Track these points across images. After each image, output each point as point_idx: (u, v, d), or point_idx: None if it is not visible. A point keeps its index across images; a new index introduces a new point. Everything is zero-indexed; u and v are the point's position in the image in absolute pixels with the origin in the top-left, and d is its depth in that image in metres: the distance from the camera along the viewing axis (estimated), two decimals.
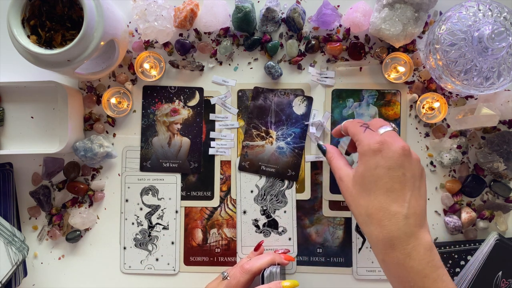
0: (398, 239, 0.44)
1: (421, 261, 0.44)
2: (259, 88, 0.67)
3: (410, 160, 0.46)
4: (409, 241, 0.44)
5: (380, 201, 0.45)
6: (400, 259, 0.44)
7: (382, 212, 0.45)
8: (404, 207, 0.45)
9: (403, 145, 0.46)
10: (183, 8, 0.64)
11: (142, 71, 0.67)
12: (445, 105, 0.65)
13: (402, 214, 0.44)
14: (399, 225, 0.44)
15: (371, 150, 0.46)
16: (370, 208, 0.46)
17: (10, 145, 0.66)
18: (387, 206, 0.45)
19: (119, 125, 0.69)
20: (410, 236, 0.44)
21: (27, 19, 0.55)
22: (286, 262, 0.61)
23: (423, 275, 0.44)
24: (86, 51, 0.54)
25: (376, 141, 0.47)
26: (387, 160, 0.45)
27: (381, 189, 0.45)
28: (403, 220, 0.44)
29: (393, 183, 0.45)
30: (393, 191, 0.45)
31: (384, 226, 0.45)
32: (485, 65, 0.55)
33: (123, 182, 0.68)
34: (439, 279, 0.44)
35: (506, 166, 0.64)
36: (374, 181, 0.46)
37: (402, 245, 0.44)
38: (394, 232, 0.44)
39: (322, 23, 0.65)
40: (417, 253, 0.44)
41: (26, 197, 0.68)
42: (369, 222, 0.46)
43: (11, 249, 0.60)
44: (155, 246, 0.68)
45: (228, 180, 0.68)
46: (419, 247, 0.44)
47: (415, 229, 0.44)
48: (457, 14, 0.56)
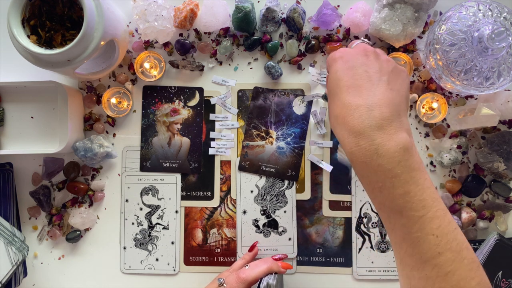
0: (362, 133, 0.41)
1: (390, 159, 0.39)
2: (259, 88, 0.67)
3: (374, 58, 0.45)
4: (375, 135, 0.40)
5: (341, 99, 0.44)
6: (366, 155, 0.40)
7: (345, 109, 0.43)
8: (367, 99, 0.42)
9: (365, 46, 0.46)
10: (183, 8, 0.64)
11: (142, 71, 0.67)
12: (445, 105, 0.65)
13: (365, 106, 0.42)
14: (362, 117, 0.41)
15: (332, 58, 0.47)
16: (335, 109, 0.44)
17: (10, 145, 0.66)
18: (349, 101, 0.43)
19: (119, 125, 0.69)
20: (377, 130, 0.40)
21: (27, 19, 0.55)
22: (284, 271, 0.60)
23: (393, 174, 0.39)
24: (86, 51, 0.54)
25: (338, 51, 0.48)
26: (346, 62, 0.45)
27: (342, 89, 0.44)
28: (367, 112, 0.41)
29: (354, 80, 0.44)
30: (354, 87, 0.43)
31: (347, 121, 0.42)
32: (485, 65, 0.55)
33: (123, 182, 0.68)
34: (412, 181, 0.39)
35: (506, 166, 0.64)
36: (336, 84, 0.45)
37: (367, 139, 0.40)
38: (357, 126, 0.41)
39: (322, 23, 0.65)
40: (386, 150, 0.39)
41: (26, 197, 0.68)
42: (336, 123, 0.44)
43: (11, 249, 0.60)
44: (155, 246, 0.68)
45: (228, 180, 0.68)
46: (389, 143, 0.40)
47: (383, 122, 0.40)
48: (457, 14, 0.56)
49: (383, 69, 0.45)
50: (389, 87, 0.44)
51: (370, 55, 0.46)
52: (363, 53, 0.46)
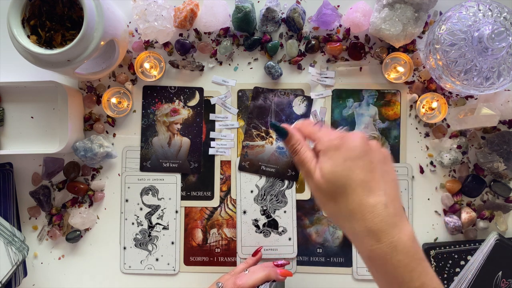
0: (383, 231, 0.42)
1: (407, 254, 0.42)
2: (259, 88, 0.67)
3: (371, 147, 0.45)
4: (393, 232, 0.42)
5: (358, 195, 0.43)
6: (386, 253, 0.42)
7: (363, 206, 0.43)
8: (381, 195, 0.43)
9: (361, 133, 0.46)
10: (183, 8, 0.64)
11: (142, 71, 0.67)
12: (445, 105, 0.65)
13: (382, 203, 0.43)
14: (381, 216, 0.42)
15: (333, 145, 0.45)
16: (350, 205, 0.43)
17: (10, 145, 0.66)
18: (366, 198, 0.43)
19: (119, 125, 0.69)
20: (394, 227, 0.42)
21: (27, 19, 0.55)
22: (282, 278, 0.59)
23: (410, 269, 0.42)
24: (86, 51, 0.54)
25: (336, 136, 0.46)
26: (353, 151, 0.44)
27: (355, 182, 0.43)
28: (384, 209, 0.42)
29: (365, 172, 0.43)
30: (367, 182, 0.43)
31: (366, 219, 0.43)
32: (485, 65, 0.55)
33: (123, 182, 0.68)
34: (424, 272, 0.42)
35: (506, 166, 0.64)
36: (347, 175, 0.44)
37: (387, 237, 0.42)
38: (378, 224, 0.42)
39: (322, 23, 0.65)
40: (403, 245, 0.42)
41: (26, 197, 0.68)
42: (352, 219, 0.44)
43: (11, 249, 0.60)
44: (155, 246, 0.68)
45: (228, 180, 0.68)
46: (404, 238, 0.42)
47: (397, 219, 0.42)
48: (457, 14, 0.56)
49: (380, 159, 0.45)
50: (390, 178, 0.45)
51: (367, 143, 0.45)
52: (362, 140, 0.45)
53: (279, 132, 0.48)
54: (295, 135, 0.48)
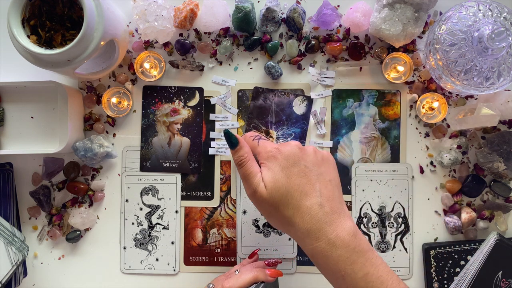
0: (320, 230, 0.45)
1: (347, 248, 0.44)
2: (259, 88, 0.67)
3: (305, 152, 0.48)
4: (330, 229, 0.45)
5: (296, 199, 0.46)
6: (326, 249, 0.44)
7: (300, 209, 0.46)
8: (316, 196, 0.46)
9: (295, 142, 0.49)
10: (183, 8, 0.64)
11: (142, 71, 0.67)
12: (445, 105, 0.65)
13: (317, 204, 0.45)
14: (317, 216, 0.45)
15: (271, 156, 0.48)
16: (290, 210, 0.46)
17: (10, 145, 0.66)
18: (303, 201, 0.46)
19: (119, 125, 0.69)
20: (330, 224, 0.45)
21: (27, 19, 0.55)
22: (271, 279, 0.57)
23: (351, 261, 0.44)
24: (86, 51, 0.54)
25: (272, 147, 0.49)
26: (287, 159, 0.47)
27: (293, 188, 0.46)
28: (319, 209, 0.45)
29: (300, 177, 0.46)
30: (302, 186, 0.46)
31: (304, 221, 0.45)
32: (485, 65, 0.55)
33: (123, 182, 0.68)
34: (368, 263, 0.44)
35: (506, 166, 0.64)
36: (285, 182, 0.46)
37: (325, 235, 0.45)
38: (315, 224, 0.45)
39: (322, 23, 0.65)
40: (341, 240, 0.44)
41: (26, 197, 0.68)
42: (292, 223, 0.47)
43: (11, 249, 0.60)
44: (155, 246, 0.68)
45: (228, 180, 0.68)
46: (342, 234, 0.44)
47: (333, 217, 0.45)
48: (457, 14, 0.56)
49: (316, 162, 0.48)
50: (327, 179, 0.48)
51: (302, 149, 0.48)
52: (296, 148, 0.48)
53: (229, 140, 0.50)
54: (245, 147, 0.50)
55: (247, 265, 0.60)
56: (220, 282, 0.56)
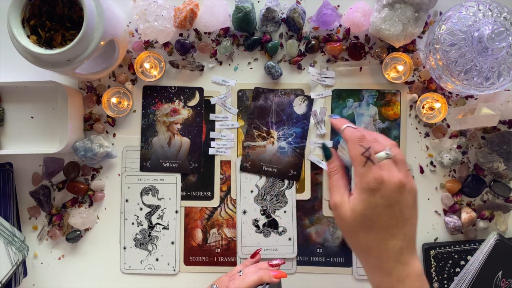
0: (394, 268, 0.46)
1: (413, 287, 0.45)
2: (259, 89, 0.67)
3: (405, 194, 0.47)
4: (403, 268, 0.46)
5: (379, 237, 0.47)
6: (394, 285, 0.46)
7: (380, 247, 0.47)
8: (400, 239, 0.46)
9: (399, 179, 0.47)
10: (183, 8, 0.64)
11: (142, 71, 0.67)
12: (445, 105, 0.65)
13: (398, 247, 0.46)
14: (396, 256, 0.46)
15: (370, 189, 0.47)
16: (369, 243, 0.47)
17: (10, 145, 0.66)
18: (386, 241, 0.46)
19: (119, 125, 0.69)
20: (405, 264, 0.46)
21: (27, 19, 0.55)
22: (276, 280, 0.58)
23: None
24: (86, 51, 0.54)
25: (374, 179, 0.47)
26: (386, 199, 0.46)
27: (380, 227, 0.47)
28: (399, 252, 0.46)
29: (391, 220, 0.46)
30: (391, 228, 0.47)
31: (381, 258, 0.46)
32: (485, 65, 0.55)
33: (123, 182, 0.68)
34: None
35: (506, 166, 0.64)
36: (374, 220, 0.47)
37: (398, 273, 0.46)
38: (391, 263, 0.46)
39: (322, 23, 0.65)
40: (410, 280, 0.46)
41: (26, 197, 0.68)
42: (368, 254, 0.48)
43: (11, 249, 0.60)
44: (155, 246, 0.68)
45: (228, 180, 0.68)
46: (412, 274, 0.46)
47: (408, 257, 0.46)
48: (457, 14, 0.56)
49: (410, 205, 0.47)
50: (412, 222, 0.48)
51: (402, 190, 0.47)
52: (397, 189, 0.47)
53: (324, 153, 0.52)
54: (336, 161, 0.52)
55: (250, 266, 0.60)
56: (224, 283, 0.56)
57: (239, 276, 0.57)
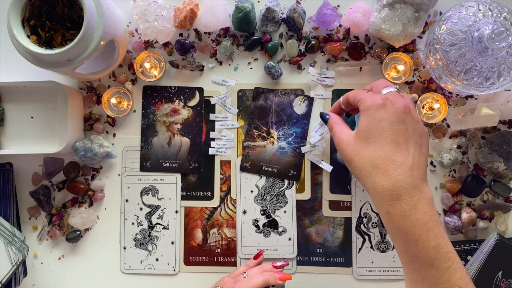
0: (405, 190, 0.44)
1: (426, 214, 0.44)
2: (259, 89, 0.67)
3: (411, 118, 0.48)
4: (414, 192, 0.44)
5: (385, 151, 0.46)
6: (406, 210, 0.44)
7: (388, 161, 0.45)
8: (409, 159, 0.45)
9: (406, 103, 0.48)
10: (183, 8, 0.64)
11: (142, 71, 0.67)
12: (445, 105, 0.65)
13: (408, 165, 0.45)
14: (405, 175, 0.45)
15: (375, 105, 0.48)
16: (375, 158, 0.46)
17: (10, 145, 0.66)
18: (392, 156, 0.45)
19: (119, 125, 0.69)
20: (416, 188, 0.45)
21: (27, 19, 0.55)
22: (281, 283, 0.57)
23: (427, 228, 0.44)
24: (86, 51, 0.54)
25: (380, 98, 0.48)
26: (390, 115, 0.47)
27: (386, 140, 0.46)
28: (409, 171, 0.45)
29: (397, 136, 0.46)
30: (397, 143, 0.46)
31: (390, 175, 0.45)
32: (485, 65, 0.55)
33: (123, 182, 0.68)
34: (441, 235, 0.44)
35: (506, 166, 0.64)
36: (379, 133, 0.46)
37: (409, 196, 0.44)
38: (401, 182, 0.45)
39: (322, 23, 0.65)
40: (422, 205, 0.44)
41: (26, 197, 0.68)
42: (374, 173, 0.46)
43: (11, 249, 0.60)
44: (155, 246, 0.68)
45: (228, 180, 0.68)
46: (424, 200, 0.44)
47: (420, 182, 0.45)
48: (457, 14, 0.56)
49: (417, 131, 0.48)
50: (421, 151, 0.48)
51: (409, 114, 0.48)
52: (403, 109, 0.47)
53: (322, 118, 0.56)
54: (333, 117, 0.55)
55: (254, 268, 0.59)
56: (228, 285, 0.56)
57: (243, 278, 0.57)
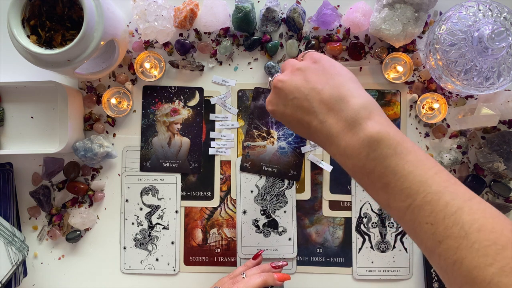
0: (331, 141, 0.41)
1: (358, 157, 0.38)
2: (259, 89, 0.67)
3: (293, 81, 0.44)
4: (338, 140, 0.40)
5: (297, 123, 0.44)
6: (340, 161, 0.41)
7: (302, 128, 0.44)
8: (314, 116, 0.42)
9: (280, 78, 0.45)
10: (183, 8, 0.64)
11: (142, 71, 0.67)
12: (445, 105, 0.65)
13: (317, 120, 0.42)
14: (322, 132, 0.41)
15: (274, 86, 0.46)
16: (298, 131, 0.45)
17: (10, 145, 0.66)
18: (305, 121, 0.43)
19: (119, 125, 0.69)
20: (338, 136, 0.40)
21: (27, 19, 0.55)
22: (280, 283, 0.57)
23: (367, 171, 0.38)
24: (86, 51, 0.54)
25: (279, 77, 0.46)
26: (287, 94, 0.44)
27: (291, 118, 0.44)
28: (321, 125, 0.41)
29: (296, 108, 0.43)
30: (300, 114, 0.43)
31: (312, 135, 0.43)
32: (485, 65, 0.55)
33: (123, 182, 0.68)
34: (387, 171, 0.37)
35: (506, 166, 0.64)
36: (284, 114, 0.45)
37: (336, 146, 0.40)
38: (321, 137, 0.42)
39: (322, 23, 0.65)
40: (351, 150, 0.39)
41: (26, 197, 0.68)
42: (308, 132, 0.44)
43: (11, 249, 0.60)
44: (155, 246, 0.68)
45: (228, 180, 0.68)
46: (352, 141, 0.39)
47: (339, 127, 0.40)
48: (457, 14, 0.56)
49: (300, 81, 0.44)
50: (317, 90, 0.42)
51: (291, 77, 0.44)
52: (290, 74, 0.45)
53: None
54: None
55: (253, 269, 0.59)
56: (226, 285, 0.56)
57: (242, 278, 0.56)
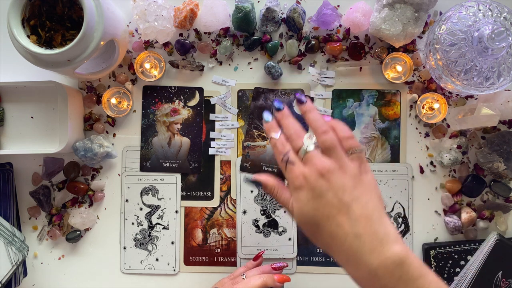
0: (359, 260, 0.41)
1: (391, 279, 0.39)
2: (259, 89, 0.67)
3: (333, 178, 0.43)
4: (371, 259, 0.40)
5: (327, 230, 0.42)
6: (368, 279, 0.41)
7: (333, 239, 0.42)
8: (350, 226, 0.41)
9: (318, 168, 0.43)
10: (183, 8, 0.64)
11: (142, 71, 0.67)
12: (445, 105, 0.65)
13: (352, 234, 0.41)
14: (353, 246, 0.41)
15: (296, 188, 0.44)
16: (322, 240, 0.43)
17: (10, 145, 0.66)
18: (335, 232, 0.42)
19: (119, 125, 0.69)
20: (370, 253, 0.40)
21: (27, 19, 0.55)
22: (280, 285, 0.57)
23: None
24: (86, 51, 0.54)
25: (296, 177, 0.44)
26: (312, 191, 0.43)
27: (321, 219, 0.42)
28: (355, 239, 0.41)
29: (329, 209, 0.42)
30: (333, 217, 0.42)
31: (341, 252, 0.42)
32: (485, 65, 0.55)
33: (123, 182, 0.68)
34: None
35: (506, 166, 0.64)
36: (312, 214, 0.43)
37: (365, 265, 0.40)
38: (353, 255, 0.41)
39: (322, 23, 0.65)
40: (384, 271, 0.40)
41: (26, 197, 0.68)
42: (330, 251, 0.43)
43: (11, 249, 0.60)
44: (155, 246, 0.68)
45: (228, 180, 0.68)
46: (386, 262, 0.40)
47: (373, 245, 0.40)
48: (457, 14, 0.56)
49: (348, 184, 0.43)
50: (363, 203, 0.42)
51: (326, 173, 0.43)
52: (320, 176, 0.43)
53: (254, 184, 0.49)
54: (268, 181, 0.48)
55: (253, 270, 0.59)
56: (226, 286, 0.56)
57: (242, 279, 0.56)
